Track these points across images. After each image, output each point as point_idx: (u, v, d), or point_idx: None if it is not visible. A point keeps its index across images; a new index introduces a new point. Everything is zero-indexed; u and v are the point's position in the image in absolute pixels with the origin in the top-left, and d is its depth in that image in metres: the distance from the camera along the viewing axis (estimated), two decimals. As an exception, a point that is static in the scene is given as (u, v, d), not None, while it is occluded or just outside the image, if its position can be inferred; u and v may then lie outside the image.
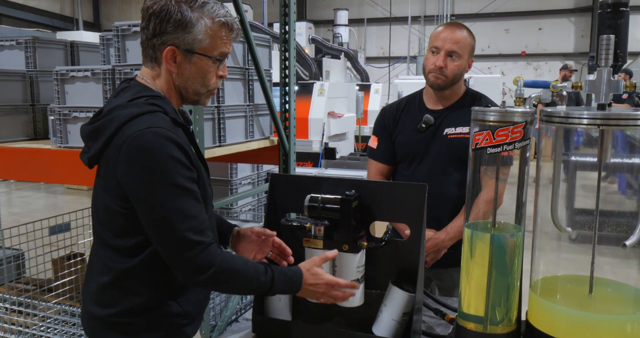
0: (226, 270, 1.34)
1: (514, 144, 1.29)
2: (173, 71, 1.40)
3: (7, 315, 2.78)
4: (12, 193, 8.96)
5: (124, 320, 1.43)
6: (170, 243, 1.32)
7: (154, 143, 1.29)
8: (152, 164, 1.29)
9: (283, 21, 3.06)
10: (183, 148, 1.33)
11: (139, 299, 1.42)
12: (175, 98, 1.46)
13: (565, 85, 1.32)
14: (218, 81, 1.46)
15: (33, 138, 3.03)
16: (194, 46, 1.37)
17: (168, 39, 1.37)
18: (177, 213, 1.30)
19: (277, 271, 1.42)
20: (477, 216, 1.49)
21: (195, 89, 1.43)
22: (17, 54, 3.08)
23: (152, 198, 1.30)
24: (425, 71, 2.21)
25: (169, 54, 1.38)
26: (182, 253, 1.31)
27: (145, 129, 1.30)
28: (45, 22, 16.17)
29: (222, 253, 1.35)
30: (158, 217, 1.31)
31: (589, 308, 1.36)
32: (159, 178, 1.29)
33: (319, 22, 17.45)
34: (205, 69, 1.41)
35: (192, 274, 1.33)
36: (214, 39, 1.38)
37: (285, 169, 3.17)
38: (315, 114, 6.85)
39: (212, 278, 1.33)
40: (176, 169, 1.30)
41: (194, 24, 1.36)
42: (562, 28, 16.14)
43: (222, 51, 1.42)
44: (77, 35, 12.03)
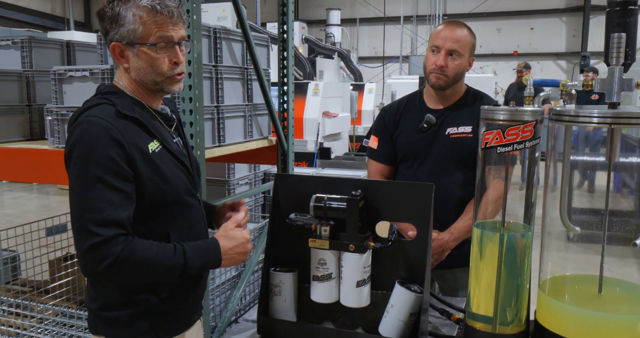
0: (127, 260, 1.31)
1: (525, 143, 1.28)
2: (125, 66, 1.44)
3: (4, 317, 2.75)
4: (4, 194, 8.87)
5: (108, 313, 1.46)
6: (74, 229, 1.33)
7: (84, 130, 1.33)
8: (78, 152, 1.33)
9: (281, 21, 3.05)
10: (117, 139, 1.33)
11: (117, 293, 1.44)
12: (142, 93, 1.48)
13: (575, 84, 1.32)
14: (174, 67, 1.45)
15: (30, 139, 3.00)
16: (131, 37, 1.40)
17: (111, 37, 1.42)
18: (86, 202, 1.31)
19: (189, 246, 1.41)
20: (483, 216, 1.49)
21: (151, 79, 1.44)
22: (13, 53, 3.05)
23: (72, 182, 1.34)
24: (426, 71, 2.19)
25: (115, 51, 1.43)
26: (81, 242, 1.30)
27: (84, 118, 1.35)
28: (36, 22, 16.03)
29: (126, 245, 1.31)
30: (71, 202, 1.34)
31: (599, 308, 1.36)
32: (81, 166, 1.32)
33: (312, 21, 17.43)
34: (151, 56, 1.41)
35: (90, 264, 1.30)
36: (147, 26, 1.39)
37: (284, 169, 3.16)
38: (310, 114, 6.85)
39: (112, 269, 1.29)
40: (100, 159, 1.31)
41: (124, 15, 1.39)
42: (554, 28, 16.22)
43: (160, 35, 1.41)
44: (69, 35, 11.94)
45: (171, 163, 1.46)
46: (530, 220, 1.39)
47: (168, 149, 1.47)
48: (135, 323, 1.45)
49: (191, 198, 1.53)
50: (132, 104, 1.43)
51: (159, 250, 1.37)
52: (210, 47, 2.61)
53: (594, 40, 15.17)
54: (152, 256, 1.35)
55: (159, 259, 1.36)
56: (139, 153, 1.37)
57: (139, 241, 1.34)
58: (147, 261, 1.34)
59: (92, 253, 1.28)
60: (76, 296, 3.09)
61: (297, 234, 1.69)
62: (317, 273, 1.60)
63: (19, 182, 9.11)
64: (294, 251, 1.68)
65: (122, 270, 1.32)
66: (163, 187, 1.42)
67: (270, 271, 1.69)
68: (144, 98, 1.48)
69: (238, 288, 2.81)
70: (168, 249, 1.38)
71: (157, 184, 1.40)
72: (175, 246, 1.39)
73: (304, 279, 1.68)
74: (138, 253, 1.32)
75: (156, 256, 1.35)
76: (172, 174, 1.45)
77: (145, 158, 1.38)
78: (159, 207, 1.43)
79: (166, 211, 1.45)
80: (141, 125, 1.41)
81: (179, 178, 1.48)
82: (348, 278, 1.56)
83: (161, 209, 1.44)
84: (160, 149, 1.44)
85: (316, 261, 1.59)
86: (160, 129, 1.48)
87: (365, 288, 1.58)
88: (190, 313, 1.59)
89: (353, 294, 1.57)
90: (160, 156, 1.43)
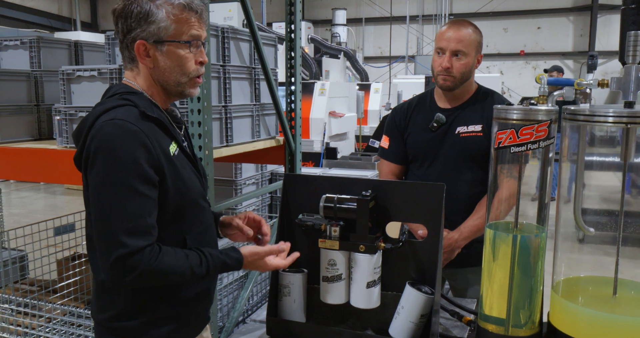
0: (152, 272, 1.30)
1: (539, 143, 1.27)
2: (149, 65, 1.40)
3: (12, 316, 2.75)
4: (11, 194, 8.90)
5: (118, 324, 1.42)
6: (100, 238, 1.30)
7: (112, 134, 1.28)
8: (105, 157, 1.28)
9: (289, 20, 3.04)
10: (144, 143, 1.30)
11: (128, 301, 1.41)
12: (158, 95, 1.44)
13: (590, 82, 1.30)
14: (199, 67, 1.43)
15: (38, 138, 3.00)
16: (161, 34, 1.36)
17: (136, 34, 1.37)
18: (113, 210, 1.28)
19: (214, 261, 1.40)
20: (496, 215, 1.47)
21: (176, 79, 1.41)
22: (22, 53, 3.05)
23: (98, 189, 1.30)
24: (434, 73, 2.18)
25: (140, 49, 1.38)
26: (108, 253, 1.28)
27: (108, 121, 1.30)
28: (43, 22, 16.09)
29: (151, 256, 1.30)
30: (96, 210, 1.30)
31: (613, 310, 1.34)
32: (108, 171, 1.28)
33: (317, 21, 17.41)
34: (180, 55, 1.39)
35: (116, 276, 1.29)
36: (179, 23, 1.37)
37: (291, 169, 3.15)
38: (316, 113, 6.84)
39: (137, 281, 1.30)
40: (128, 165, 1.27)
41: (155, 13, 1.35)
42: (561, 27, 16.13)
43: (192, 34, 1.39)
44: (75, 36, 11.97)
45: (187, 166, 1.44)
46: (543, 220, 1.37)
47: (184, 151, 1.45)
48: (147, 333, 1.42)
49: (204, 202, 1.51)
50: (152, 105, 1.40)
51: (183, 261, 1.35)
52: (218, 46, 2.60)
53: (602, 40, 15.08)
54: (176, 269, 1.34)
55: (183, 271, 1.35)
56: (164, 156, 1.34)
57: (163, 252, 1.33)
58: (171, 272, 1.34)
59: (119, 265, 1.27)
60: (84, 296, 3.09)
61: (307, 234, 1.68)
62: (327, 274, 1.59)
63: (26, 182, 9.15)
64: (303, 252, 1.67)
65: (147, 281, 1.33)
66: (183, 190, 1.40)
67: (280, 272, 1.69)
68: (159, 100, 1.45)
69: (245, 288, 2.80)
70: (193, 260, 1.37)
71: (179, 188, 1.38)
72: (201, 259, 1.38)
73: (314, 280, 1.67)
74: (163, 264, 1.31)
75: (181, 268, 1.35)
76: (189, 178, 1.43)
77: (169, 161, 1.36)
78: (178, 211, 1.41)
79: (184, 216, 1.43)
80: (162, 126, 1.38)
81: (194, 181, 1.46)
82: (358, 279, 1.55)
83: (180, 213, 1.41)
84: (179, 152, 1.41)
85: (326, 262, 1.58)
86: (174, 132, 1.45)
87: (376, 289, 1.57)
88: (202, 318, 1.57)
89: (363, 295, 1.56)
90: (179, 159, 1.40)
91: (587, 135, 1.34)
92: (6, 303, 2.79)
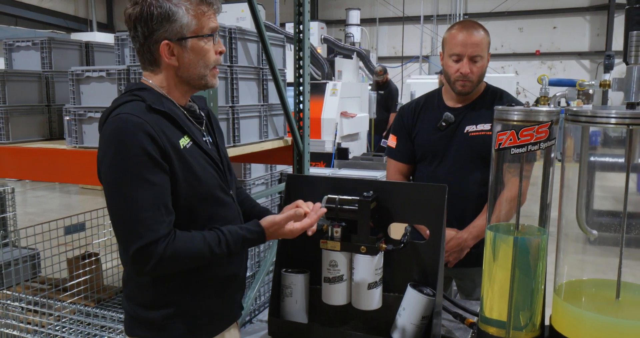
0: (171, 258, 1.33)
1: (539, 145, 1.25)
2: (175, 64, 1.42)
3: (23, 314, 2.79)
4: (27, 193, 9.03)
5: (142, 314, 1.45)
6: (118, 231, 1.34)
7: (118, 128, 1.32)
8: (114, 151, 1.32)
9: (297, 21, 3.04)
10: (150, 134, 1.32)
11: (150, 293, 1.44)
12: (177, 90, 1.46)
13: (592, 83, 1.28)
14: (219, 57, 1.47)
15: (49, 138, 3.04)
16: (184, 31, 1.39)
17: (159, 36, 1.38)
18: (128, 203, 1.31)
19: (234, 238, 1.41)
20: (500, 215, 1.45)
21: (199, 72, 1.44)
22: (33, 54, 3.09)
23: (111, 183, 1.33)
24: (451, 79, 2.15)
25: (165, 49, 1.39)
26: (128, 245, 1.31)
27: (115, 116, 1.34)
28: (60, 23, 16.29)
29: (168, 243, 1.32)
30: (112, 204, 1.34)
31: (616, 314, 1.32)
32: (118, 165, 1.32)
33: (331, 22, 17.41)
34: (203, 49, 1.42)
35: (138, 267, 1.34)
36: (199, 18, 1.40)
37: (299, 170, 3.15)
38: (327, 114, 6.83)
39: (158, 268, 1.33)
40: (137, 156, 1.30)
41: (175, 11, 1.37)
42: (577, 27, 15.94)
43: (211, 26, 1.42)
44: (91, 37, 12.11)
45: (202, 159, 1.45)
46: (545, 222, 1.35)
47: (199, 145, 1.46)
48: (169, 326, 1.44)
49: (224, 195, 1.51)
50: (161, 100, 1.42)
51: (201, 243, 1.37)
52: (225, 47, 2.61)
53: (619, 39, 14.87)
54: (195, 251, 1.37)
55: (202, 252, 1.37)
56: (172, 147, 1.36)
57: (178, 236, 1.35)
58: (190, 255, 1.37)
59: (138, 256, 1.31)
60: (94, 294, 3.12)
61: (309, 235, 1.68)
62: (329, 274, 1.58)
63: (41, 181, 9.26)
64: (306, 253, 1.67)
65: (169, 267, 1.36)
66: (195, 183, 1.41)
67: (282, 272, 1.69)
68: (177, 95, 1.47)
69: (252, 288, 2.81)
70: (211, 240, 1.38)
71: (190, 181, 1.40)
72: (219, 237, 1.39)
73: (316, 281, 1.67)
74: (180, 248, 1.34)
75: (199, 249, 1.37)
76: (203, 170, 1.44)
77: (177, 153, 1.37)
78: (193, 204, 1.42)
79: (201, 209, 1.44)
80: (172, 120, 1.40)
81: (210, 174, 1.46)
82: (359, 280, 1.55)
83: (195, 206, 1.43)
84: (191, 145, 1.43)
85: (327, 263, 1.58)
86: (190, 126, 1.47)
87: (377, 290, 1.56)
88: (227, 314, 1.58)
89: (364, 296, 1.56)
90: (191, 152, 1.41)
91: (601, 136, 1.32)
92: (17, 301, 2.82)
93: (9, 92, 2.83)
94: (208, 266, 1.48)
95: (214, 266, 1.49)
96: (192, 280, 1.46)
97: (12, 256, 2.94)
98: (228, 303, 1.57)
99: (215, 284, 1.50)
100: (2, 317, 2.83)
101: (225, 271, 1.53)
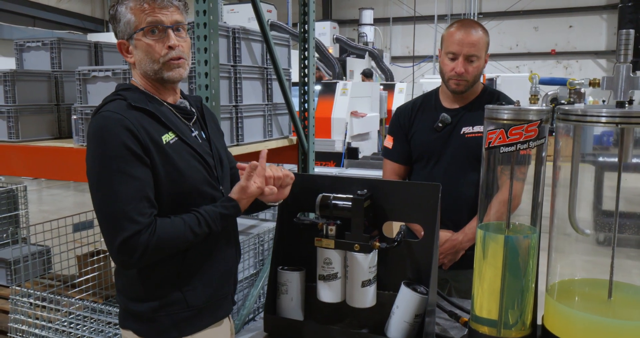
0: (155, 246, 1.35)
1: (528, 143, 1.25)
2: (132, 62, 1.49)
3: (32, 309, 2.84)
4: (42, 191, 9.18)
5: (133, 307, 1.48)
6: (101, 225, 1.37)
7: (99, 125, 1.37)
8: (94, 147, 1.37)
9: (302, 20, 3.06)
10: (129, 128, 1.36)
11: (138, 285, 1.47)
12: (153, 88, 1.51)
13: (582, 82, 1.28)
14: (168, 51, 1.46)
15: (58, 137, 3.08)
16: (128, 29, 1.45)
17: (118, 36, 1.49)
18: (108, 196, 1.35)
19: (211, 216, 1.44)
20: (493, 217, 1.45)
21: (150, 67, 1.47)
22: (43, 54, 3.14)
23: (93, 177, 1.37)
24: (445, 77, 2.15)
25: (122, 49, 1.49)
26: (112, 238, 1.34)
27: (97, 115, 1.40)
28: (77, 24, 16.50)
29: (151, 230, 1.35)
30: (94, 198, 1.38)
31: (608, 314, 1.32)
32: (99, 160, 1.36)
33: (345, 21, 17.42)
34: (145, 44, 1.45)
35: (123, 260, 1.36)
36: (137, 13, 1.44)
37: (305, 169, 3.17)
38: (338, 113, 6.83)
39: (144, 258, 1.36)
40: (116, 150, 1.34)
41: (120, 11, 1.45)
42: (594, 25, 15.76)
43: (149, 20, 1.43)
44: (107, 37, 12.21)
45: (187, 154, 1.47)
46: (536, 221, 1.35)
47: (185, 141, 1.48)
48: (157, 318, 1.47)
49: (211, 189, 1.53)
50: (144, 98, 1.46)
51: (181, 226, 1.40)
52: (229, 47, 2.63)
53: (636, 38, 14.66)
54: (178, 235, 1.40)
55: (184, 235, 1.40)
56: (152, 143, 1.39)
57: (159, 224, 1.38)
58: (173, 240, 1.39)
59: (123, 249, 1.34)
60: (102, 291, 3.17)
61: (305, 233, 1.69)
62: (323, 272, 1.59)
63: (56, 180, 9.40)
64: (302, 250, 1.69)
65: (154, 255, 1.38)
66: (177, 178, 1.43)
67: (278, 269, 1.70)
68: (156, 92, 1.51)
69: (255, 286, 2.83)
70: (190, 222, 1.41)
71: (172, 175, 1.42)
72: (198, 218, 1.42)
73: (312, 278, 1.68)
74: (163, 235, 1.37)
75: (181, 233, 1.40)
76: (187, 166, 1.46)
77: (159, 148, 1.40)
78: (176, 200, 1.45)
79: (185, 203, 1.46)
80: (154, 117, 1.44)
81: (194, 169, 1.48)
82: (353, 278, 1.56)
83: (179, 201, 1.45)
84: (176, 140, 1.45)
85: (322, 261, 1.59)
86: (176, 122, 1.49)
87: (371, 288, 1.57)
88: (216, 309, 1.59)
89: (358, 294, 1.57)
90: (175, 148, 1.44)
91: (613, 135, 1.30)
92: (26, 297, 2.88)
93: (19, 91, 2.88)
94: (196, 262, 1.50)
95: (201, 262, 1.52)
96: (179, 273, 1.48)
97: (21, 253, 2.99)
98: (217, 298, 1.58)
99: (203, 278, 1.52)
100: (12, 312, 2.89)
101: (214, 266, 1.54)
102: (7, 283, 3.49)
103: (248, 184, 1.47)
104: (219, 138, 1.68)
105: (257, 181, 1.48)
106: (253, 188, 1.48)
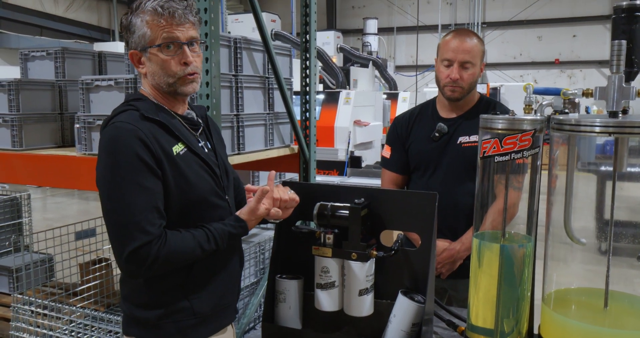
0: (164, 259, 1.37)
1: (522, 153, 1.26)
2: (143, 72, 1.50)
3: (33, 318, 2.84)
4: (47, 199, 9.22)
5: (138, 314, 1.49)
6: (111, 235, 1.38)
7: (112, 135, 1.39)
8: (107, 157, 1.38)
9: (304, 30, 3.09)
10: (142, 140, 1.37)
11: (144, 293, 1.48)
12: (162, 98, 1.52)
13: (575, 92, 1.29)
14: (184, 67, 1.47)
15: (61, 145, 3.11)
16: (142, 42, 1.46)
17: (130, 45, 1.49)
18: (120, 207, 1.36)
19: (220, 235, 1.47)
20: (490, 226, 1.46)
21: (164, 81, 1.48)
22: (47, 64, 3.18)
23: (105, 187, 1.38)
24: (440, 84, 2.17)
25: (133, 59, 1.50)
26: (121, 248, 1.35)
27: (110, 125, 1.42)
28: (84, 33, 16.63)
29: (160, 244, 1.37)
30: (105, 207, 1.39)
31: (604, 323, 1.31)
32: (112, 170, 1.37)
33: (349, 31, 17.50)
34: (161, 59, 1.45)
35: (132, 269, 1.38)
36: (153, 28, 1.44)
37: (306, 177, 3.18)
38: (341, 122, 6.86)
39: (152, 269, 1.37)
40: (129, 161, 1.35)
41: (135, 23, 1.46)
42: (597, 35, 15.76)
43: (165, 37, 1.44)
44: (113, 46, 12.33)
45: (196, 165, 1.49)
46: (531, 229, 1.35)
47: (194, 151, 1.50)
48: (162, 325, 1.48)
49: (218, 199, 1.55)
50: (155, 109, 1.48)
51: (191, 241, 1.42)
52: (230, 56, 2.66)
53: (640, 48, 14.65)
54: (186, 250, 1.42)
55: (193, 250, 1.42)
56: (164, 154, 1.41)
57: (169, 237, 1.39)
58: (182, 254, 1.41)
59: (132, 259, 1.35)
60: (104, 299, 3.17)
61: (304, 241, 1.69)
62: (321, 281, 1.60)
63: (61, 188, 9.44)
64: (300, 259, 1.69)
65: (162, 268, 1.40)
66: (186, 188, 1.45)
67: (276, 278, 1.71)
68: (166, 103, 1.53)
69: (256, 295, 2.83)
70: (199, 237, 1.44)
71: (181, 186, 1.44)
72: (207, 235, 1.45)
73: (310, 287, 1.68)
74: (172, 248, 1.39)
75: (190, 248, 1.42)
76: (196, 176, 1.48)
77: (170, 159, 1.42)
78: (185, 210, 1.46)
79: (193, 213, 1.48)
80: (165, 128, 1.45)
81: (203, 180, 1.51)
82: (351, 286, 1.56)
83: (187, 211, 1.47)
84: (186, 151, 1.47)
85: (319, 269, 1.59)
86: (185, 133, 1.51)
87: (368, 297, 1.57)
88: (220, 317, 1.60)
89: (356, 303, 1.57)
90: (184, 159, 1.46)
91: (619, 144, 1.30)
92: (27, 305, 2.89)
93: (23, 100, 2.92)
94: (202, 270, 1.51)
95: (207, 270, 1.53)
96: (185, 282, 1.49)
97: (23, 261, 3.00)
98: (221, 306, 1.60)
99: (208, 287, 1.54)
100: (13, 320, 2.90)
101: (219, 275, 1.56)
102: (9, 291, 3.50)
103: (258, 206, 1.50)
104: (222, 148, 1.70)
105: (265, 203, 1.52)
106: (262, 210, 1.51)
